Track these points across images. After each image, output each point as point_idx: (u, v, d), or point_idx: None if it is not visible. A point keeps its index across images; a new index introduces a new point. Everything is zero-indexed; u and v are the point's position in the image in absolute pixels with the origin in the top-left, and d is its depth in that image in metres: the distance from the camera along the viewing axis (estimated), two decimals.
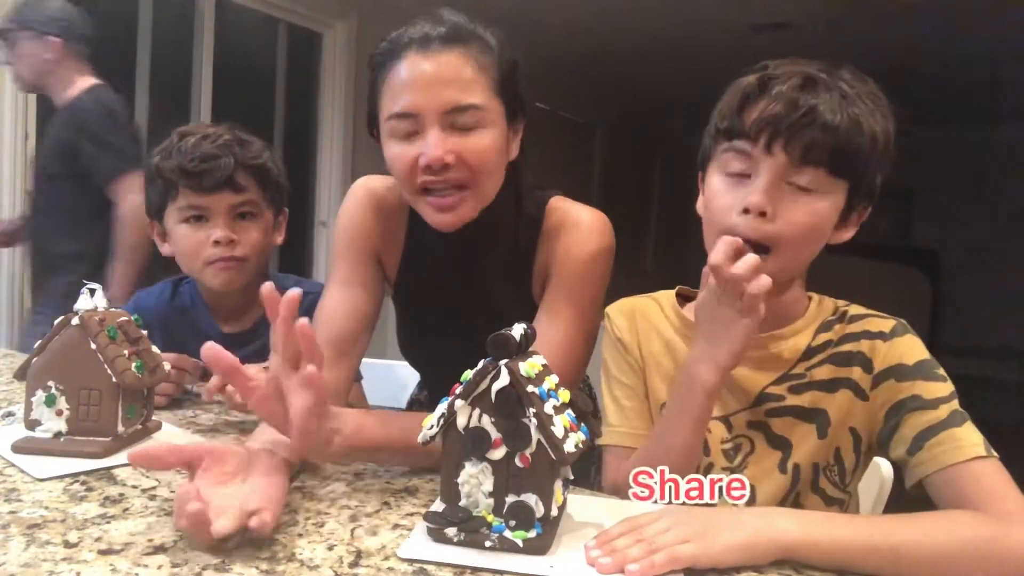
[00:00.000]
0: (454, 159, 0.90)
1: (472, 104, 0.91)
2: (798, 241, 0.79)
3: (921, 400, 0.78)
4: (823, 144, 0.76)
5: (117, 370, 0.86)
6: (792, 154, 0.77)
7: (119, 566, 0.59)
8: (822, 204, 0.79)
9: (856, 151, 0.77)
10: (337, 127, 3.76)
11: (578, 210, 1.03)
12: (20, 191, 2.46)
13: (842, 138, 0.76)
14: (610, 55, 5.09)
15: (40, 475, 0.78)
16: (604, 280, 1.01)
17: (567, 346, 0.96)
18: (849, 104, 0.77)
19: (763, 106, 0.78)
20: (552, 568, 0.62)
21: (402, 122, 0.92)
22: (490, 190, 0.96)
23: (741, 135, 0.79)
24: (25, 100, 2.43)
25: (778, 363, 0.87)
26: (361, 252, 1.08)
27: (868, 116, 0.78)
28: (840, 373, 0.84)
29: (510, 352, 0.65)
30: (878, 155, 0.80)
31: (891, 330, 0.84)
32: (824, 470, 0.85)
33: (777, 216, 0.77)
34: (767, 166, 0.78)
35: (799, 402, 0.85)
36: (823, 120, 0.76)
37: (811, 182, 0.78)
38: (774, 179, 0.78)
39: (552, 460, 0.64)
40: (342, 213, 1.10)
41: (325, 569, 0.61)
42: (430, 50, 0.91)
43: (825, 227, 0.81)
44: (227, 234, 1.18)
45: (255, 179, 1.22)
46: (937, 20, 4.02)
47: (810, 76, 0.78)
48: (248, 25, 3.56)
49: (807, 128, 0.76)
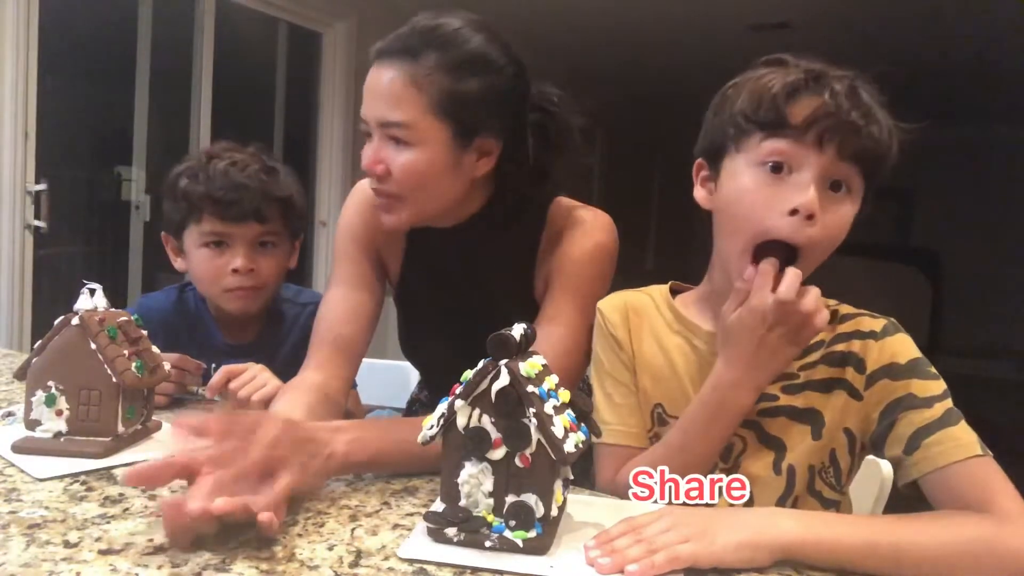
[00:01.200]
0: (382, 170, 0.94)
1: (396, 121, 0.92)
2: (829, 245, 0.78)
3: (916, 399, 0.78)
4: (870, 146, 0.76)
5: (117, 370, 0.86)
6: (843, 152, 0.75)
7: (119, 566, 0.59)
8: (851, 208, 0.78)
9: (885, 157, 0.78)
10: (337, 127, 3.76)
11: (581, 210, 1.03)
12: (20, 191, 2.46)
13: (883, 143, 0.77)
14: (610, 55, 5.09)
15: (40, 475, 0.78)
16: (606, 279, 1.01)
17: (568, 344, 0.96)
18: (883, 110, 0.78)
19: (816, 102, 0.75)
20: (552, 568, 0.62)
21: (363, 126, 0.96)
22: (426, 203, 0.97)
23: (784, 128, 0.76)
24: (25, 100, 2.43)
25: None
26: (362, 253, 1.08)
27: (892, 126, 0.79)
28: (834, 373, 0.83)
29: (510, 352, 0.65)
30: (889, 164, 0.80)
31: (882, 329, 0.83)
32: (820, 472, 0.84)
33: (824, 217, 0.76)
34: (815, 163, 0.75)
35: (793, 403, 0.84)
36: (876, 122, 0.76)
37: (849, 182, 0.77)
38: (820, 178, 0.76)
39: (552, 460, 0.64)
40: (344, 214, 1.11)
41: (325, 569, 0.61)
42: (381, 62, 0.94)
43: (842, 233, 0.79)
44: (247, 264, 1.19)
45: (280, 210, 1.23)
46: (937, 20, 4.02)
47: (854, 78, 0.78)
48: (248, 25, 3.56)
49: (863, 128, 0.75)
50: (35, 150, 2.49)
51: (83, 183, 3.02)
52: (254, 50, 3.72)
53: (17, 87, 2.40)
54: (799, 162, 0.76)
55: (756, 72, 0.81)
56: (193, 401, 1.16)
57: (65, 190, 2.78)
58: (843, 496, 0.86)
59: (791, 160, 0.76)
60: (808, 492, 0.84)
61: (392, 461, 0.83)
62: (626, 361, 0.92)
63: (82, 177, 3.01)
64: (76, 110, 2.88)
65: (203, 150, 1.26)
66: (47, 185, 2.53)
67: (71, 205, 2.92)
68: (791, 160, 0.76)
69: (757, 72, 0.81)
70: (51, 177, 2.56)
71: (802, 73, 0.77)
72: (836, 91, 0.76)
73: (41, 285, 2.59)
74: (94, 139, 3.05)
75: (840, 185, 0.77)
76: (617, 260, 1.03)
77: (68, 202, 2.86)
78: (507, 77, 0.95)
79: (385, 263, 1.12)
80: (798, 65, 0.79)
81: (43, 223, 2.54)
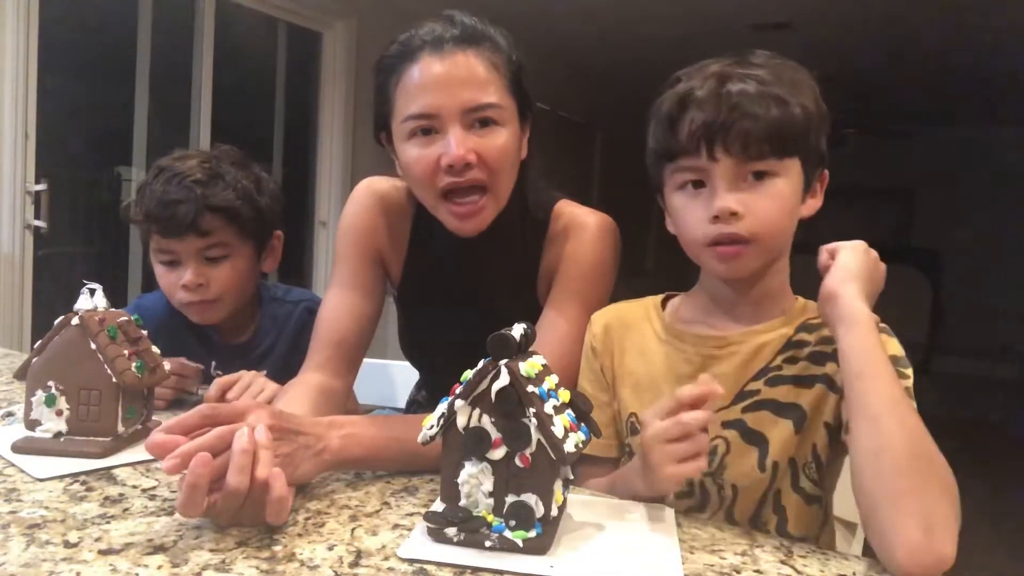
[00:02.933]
0: (475, 158, 0.91)
1: (490, 103, 0.91)
2: (773, 226, 0.81)
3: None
4: (758, 133, 0.78)
5: (117, 370, 0.86)
6: (734, 152, 0.79)
7: (119, 566, 0.59)
8: (782, 185, 0.81)
9: (792, 128, 0.79)
10: (337, 127, 3.76)
11: (585, 214, 1.03)
12: (20, 191, 2.46)
13: (774, 122, 0.78)
14: (610, 55, 5.09)
15: (40, 475, 0.78)
16: (609, 283, 1.01)
17: (569, 346, 0.96)
18: (769, 87, 0.79)
19: (690, 118, 0.80)
20: (552, 568, 0.62)
21: (420, 123, 0.92)
22: (505, 191, 0.97)
23: (681, 152, 0.82)
24: (25, 100, 2.43)
25: (757, 359, 0.86)
26: (364, 254, 1.08)
27: (791, 90, 0.80)
28: (815, 370, 0.84)
29: (510, 352, 0.65)
30: (815, 123, 0.82)
31: None
32: (803, 467, 0.84)
33: (746, 211, 0.80)
34: (717, 172, 0.80)
35: (774, 395, 0.85)
36: (750, 112, 0.78)
37: (762, 169, 0.80)
38: (729, 180, 0.80)
39: (552, 460, 0.64)
40: (345, 215, 1.10)
41: (325, 569, 0.61)
42: (444, 51, 0.91)
43: (792, 205, 0.83)
44: (194, 279, 1.18)
45: (223, 220, 1.18)
46: (937, 20, 4.02)
47: (723, 74, 0.81)
48: (248, 25, 3.56)
49: (738, 123, 0.78)
50: (35, 150, 2.49)
51: (83, 183, 3.02)
52: (254, 50, 3.72)
53: (17, 87, 2.40)
54: (706, 174, 0.81)
55: (660, 96, 0.86)
56: (192, 403, 1.16)
57: (65, 190, 2.78)
58: (824, 492, 0.86)
59: (700, 175, 0.82)
60: (792, 488, 0.85)
61: (387, 458, 0.83)
62: (599, 374, 0.94)
63: (82, 177, 3.01)
64: (76, 110, 2.87)
65: (156, 163, 1.23)
66: (47, 185, 2.53)
67: (71, 205, 2.92)
68: (700, 175, 0.82)
69: (660, 96, 0.86)
70: (51, 177, 2.56)
71: (674, 98, 0.82)
72: (702, 100, 0.80)
73: (41, 285, 2.59)
74: (94, 139, 3.05)
75: (762, 174, 0.80)
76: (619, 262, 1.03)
77: (68, 202, 2.86)
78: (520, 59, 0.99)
79: (387, 264, 1.12)
80: (690, 76, 0.83)
81: (43, 223, 2.54)
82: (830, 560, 0.69)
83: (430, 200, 0.96)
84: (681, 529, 0.74)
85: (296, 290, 1.38)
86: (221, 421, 0.69)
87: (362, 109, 3.80)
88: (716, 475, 0.85)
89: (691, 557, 0.68)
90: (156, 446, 0.65)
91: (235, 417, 0.70)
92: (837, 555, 0.71)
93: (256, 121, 3.68)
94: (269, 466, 0.67)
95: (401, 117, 0.93)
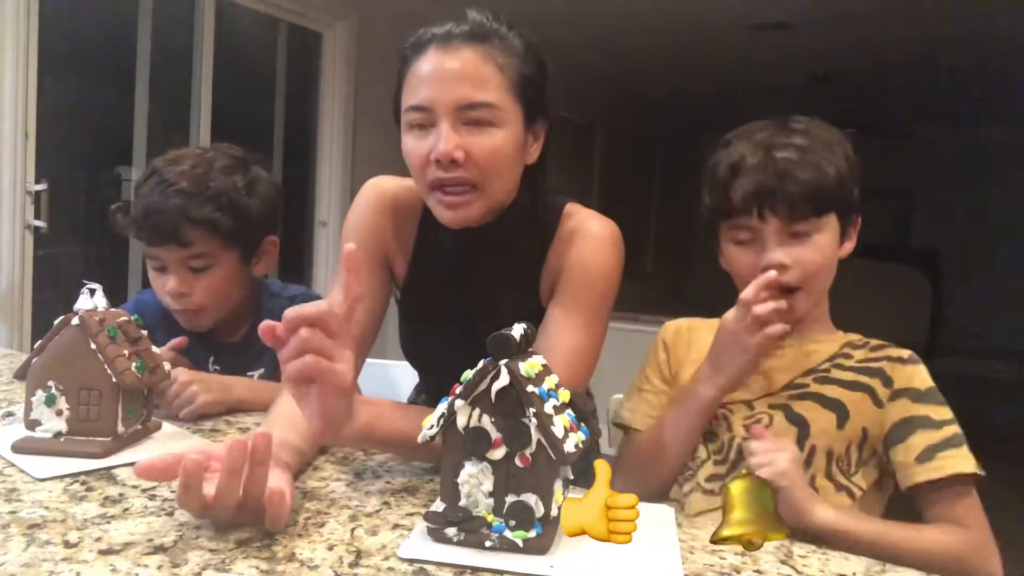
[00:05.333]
0: (463, 156, 0.90)
1: (484, 102, 0.91)
2: (817, 274, 0.93)
3: (931, 420, 0.90)
4: (801, 196, 0.90)
5: (117, 370, 0.86)
6: (781, 213, 0.91)
7: (119, 566, 0.59)
8: (823, 239, 0.93)
9: (829, 188, 0.91)
10: (337, 127, 3.76)
11: (592, 219, 1.03)
12: (20, 191, 2.46)
13: (812, 185, 0.90)
14: (610, 55, 5.09)
15: (40, 475, 0.78)
16: (613, 291, 1.01)
17: (572, 353, 0.95)
18: (808, 153, 0.91)
19: (743, 184, 0.92)
20: (552, 568, 0.62)
21: (417, 115, 0.92)
22: (499, 191, 0.96)
23: (735, 212, 0.94)
24: (25, 100, 2.44)
25: (807, 361, 0.97)
26: (368, 255, 1.07)
27: (826, 154, 0.92)
28: (861, 379, 0.94)
29: (510, 352, 0.65)
30: (848, 180, 0.93)
31: (908, 357, 0.96)
32: (837, 461, 0.93)
33: (793, 263, 0.91)
34: (767, 231, 0.92)
35: (822, 391, 0.95)
36: (793, 177, 0.90)
37: (806, 228, 0.91)
38: (777, 237, 0.92)
39: (552, 460, 0.64)
40: (351, 215, 1.09)
41: (325, 569, 0.61)
42: (450, 46, 0.91)
43: (833, 255, 0.95)
44: (177, 288, 1.17)
45: (205, 231, 1.15)
46: (937, 20, 4.02)
47: (770, 143, 0.93)
48: (248, 25, 3.56)
49: (784, 188, 0.90)
50: (35, 150, 2.49)
51: (83, 183, 3.02)
52: (254, 50, 3.72)
53: (17, 87, 2.40)
54: (756, 232, 0.93)
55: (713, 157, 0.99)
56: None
57: (65, 190, 2.78)
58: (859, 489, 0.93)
59: (751, 233, 0.94)
60: (825, 476, 0.92)
61: (407, 443, 0.82)
62: (664, 365, 1.07)
63: (82, 177, 3.01)
64: (76, 110, 2.88)
65: (151, 163, 1.21)
66: (47, 185, 2.53)
67: (71, 205, 2.92)
68: (751, 233, 0.94)
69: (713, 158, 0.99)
70: (51, 177, 2.56)
71: (739, 153, 0.94)
72: (753, 167, 0.92)
73: (41, 285, 2.59)
74: (94, 139, 3.05)
75: (799, 233, 0.92)
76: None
77: (68, 202, 2.86)
78: (547, 67, 0.99)
79: (392, 265, 1.11)
80: (739, 140, 0.96)
81: (43, 223, 2.54)
82: (830, 560, 0.69)
83: (421, 189, 0.97)
84: (681, 529, 0.74)
85: (293, 287, 1.38)
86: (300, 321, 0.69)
87: (362, 109, 3.80)
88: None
89: (691, 557, 0.68)
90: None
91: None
92: (837, 555, 0.71)
93: (256, 121, 3.68)
94: (264, 482, 0.67)
95: (404, 107, 0.94)
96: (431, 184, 0.93)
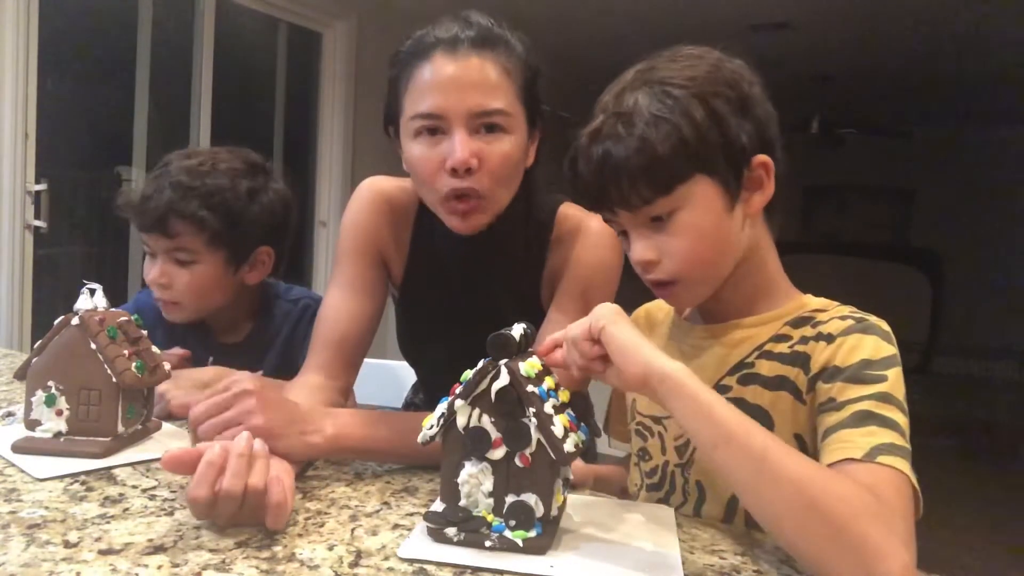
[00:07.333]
0: (478, 163, 0.90)
1: (498, 109, 0.91)
2: (693, 261, 0.78)
3: (834, 403, 0.71)
4: (631, 181, 0.74)
5: (117, 370, 0.86)
6: (621, 208, 0.77)
7: (119, 566, 0.59)
8: (691, 215, 0.76)
9: (666, 158, 0.73)
10: (337, 127, 3.76)
11: (589, 219, 1.03)
12: (20, 191, 2.46)
13: (640, 163, 0.74)
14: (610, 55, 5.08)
15: (40, 475, 0.78)
16: (612, 289, 1.01)
17: None
18: (632, 127, 0.75)
19: (579, 187, 0.80)
20: (552, 568, 0.62)
21: (427, 122, 0.91)
22: (505, 198, 0.96)
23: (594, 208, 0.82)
24: (25, 100, 2.43)
25: (736, 350, 0.82)
26: (366, 255, 1.07)
27: (654, 125, 0.74)
28: (783, 371, 0.78)
29: (510, 352, 0.66)
30: (705, 131, 0.74)
31: (843, 331, 0.75)
32: None
33: (659, 255, 0.78)
34: (626, 225, 0.80)
35: (744, 394, 0.80)
36: (613, 164, 0.75)
37: (660, 210, 0.76)
38: (636, 230, 0.79)
39: (552, 460, 0.64)
40: (347, 215, 1.10)
41: (325, 569, 0.61)
42: (458, 52, 0.90)
43: (708, 227, 0.77)
44: (158, 276, 1.18)
45: (192, 227, 1.16)
46: (937, 20, 4.02)
47: (593, 132, 0.78)
48: (248, 25, 3.56)
49: (608, 185, 0.76)
50: (35, 150, 2.49)
51: (83, 183, 3.02)
52: (254, 50, 3.72)
53: (17, 87, 2.40)
54: (620, 225, 0.81)
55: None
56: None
57: (65, 190, 2.78)
58: None
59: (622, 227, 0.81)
60: None
61: (381, 450, 0.85)
62: None
63: (82, 177, 3.00)
64: (76, 110, 2.87)
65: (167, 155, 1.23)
66: (47, 185, 2.53)
67: (71, 205, 2.92)
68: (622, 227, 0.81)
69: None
70: (51, 177, 2.56)
71: (577, 148, 0.80)
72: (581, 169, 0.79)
73: (41, 285, 2.59)
74: (94, 139, 3.05)
75: (659, 217, 0.77)
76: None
77: (68, 202, 2.86)
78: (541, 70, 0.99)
79: (389, 265, 1.11)
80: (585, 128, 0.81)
81: (43, 223, 2.54)
82: None
83: (430, 198, 0.96)
84: (681, 529, 0.74)
85: (296, 288, 1.38)
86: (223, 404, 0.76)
87: (362, 109, 3.80)
88: (685, 468, 0.85)
89: (691, 557, 0.68)
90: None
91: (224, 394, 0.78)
92: None
93: (256, 121, 3.68)
94: (264, 474, 0.67)
95: (409, 115, 0.93)
96: (447, 194, 0.92)
